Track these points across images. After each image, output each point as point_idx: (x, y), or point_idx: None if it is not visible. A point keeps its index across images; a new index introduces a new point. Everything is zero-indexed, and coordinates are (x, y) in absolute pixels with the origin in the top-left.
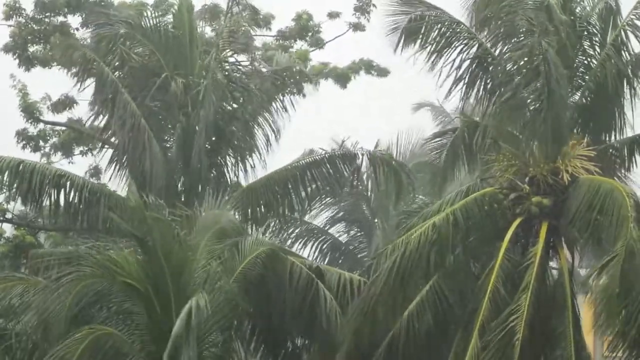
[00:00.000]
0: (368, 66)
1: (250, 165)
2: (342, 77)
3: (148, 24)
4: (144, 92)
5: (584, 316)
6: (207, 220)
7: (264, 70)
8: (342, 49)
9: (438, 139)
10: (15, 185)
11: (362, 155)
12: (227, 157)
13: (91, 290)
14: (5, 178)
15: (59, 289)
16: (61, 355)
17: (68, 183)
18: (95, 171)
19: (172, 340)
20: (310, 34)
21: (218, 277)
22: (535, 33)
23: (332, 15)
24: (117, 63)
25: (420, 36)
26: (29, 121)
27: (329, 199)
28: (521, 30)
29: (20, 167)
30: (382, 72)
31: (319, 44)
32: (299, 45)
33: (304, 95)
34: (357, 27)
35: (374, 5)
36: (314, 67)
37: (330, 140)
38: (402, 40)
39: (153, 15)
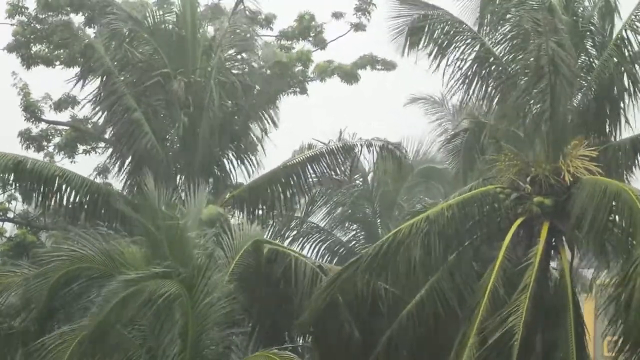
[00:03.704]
0: (373, 62)
1: (250, 163)
2: (348, 75)
3: (151, 23)
4: (145, 89)
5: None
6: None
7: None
8: (344, 48)
9: (453, 141)
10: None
11: (361, 146)
12: (230, 155)
13: (84, 275)
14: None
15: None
16: (58, 342)
17: (65, 183)
18: (103, 169)
19: None
20: (312, 34)
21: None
22: (541, 34)
23: (337, 15)
24: (122, 60)
25: (424, 35)
26: (30, 120)
27: (333, 199)
28: (526, 31)
29: (20, 165)
30: (389, 66)
31: (320, 44)
32: (301, 45)
33: (307, 94)
34: (358, 27)
35: (374, 5)
36: (318, 65)
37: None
38: (407, 43)
39: (156, 14)
